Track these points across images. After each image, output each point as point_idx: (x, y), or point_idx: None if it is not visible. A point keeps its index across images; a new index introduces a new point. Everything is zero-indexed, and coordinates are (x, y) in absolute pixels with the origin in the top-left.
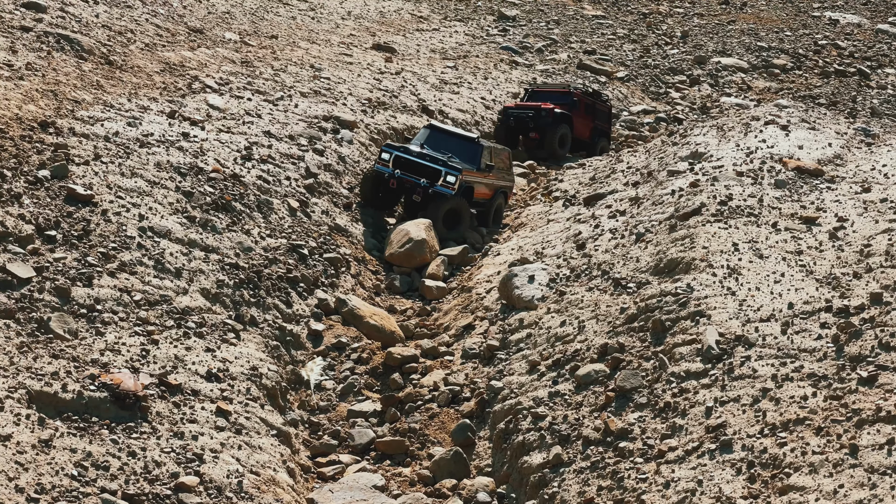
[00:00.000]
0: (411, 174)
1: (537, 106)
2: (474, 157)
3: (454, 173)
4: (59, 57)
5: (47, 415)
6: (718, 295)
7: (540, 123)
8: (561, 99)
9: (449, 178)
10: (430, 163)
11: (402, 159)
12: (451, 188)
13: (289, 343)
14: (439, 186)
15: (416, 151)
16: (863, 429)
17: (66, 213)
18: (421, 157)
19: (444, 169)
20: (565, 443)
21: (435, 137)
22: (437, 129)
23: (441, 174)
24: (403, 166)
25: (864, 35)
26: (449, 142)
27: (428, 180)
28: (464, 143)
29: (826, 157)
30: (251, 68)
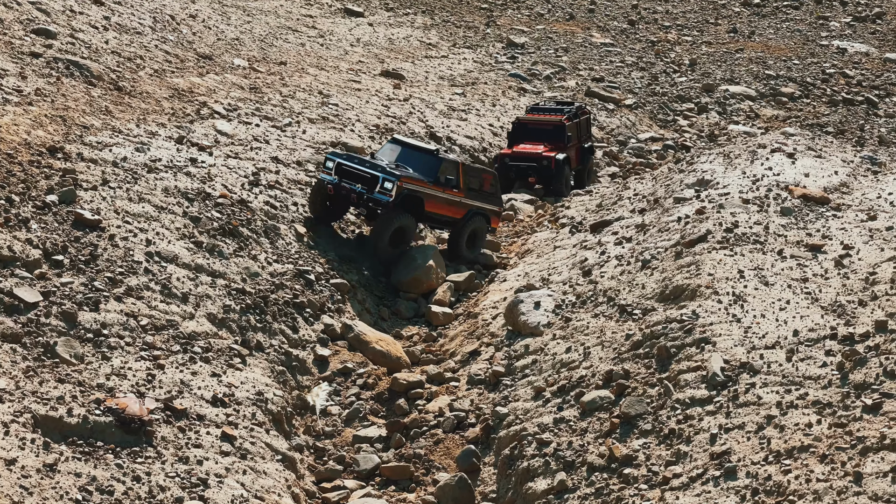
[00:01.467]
0: (351, 181)
1: (537, 155)
2: (431, 169)
3: (391, 179)
4: (68, 83)
5: (52, 439)
6: (724, 322)
7: (543, 175)
8: (554, 136)
9: (386, 185)
10: (369, 169)
11: (344, 167)
12: (388, 195)
13: (295, 368)
14: (376, 193)
15: (358, 158)
16: (867, 456)
17: (73, 238)
18: (361, 164)
19: (381, 175)
20: (570, 469)
21: (396, 151)
22: (399, 142)
23: (378, 181)
24: (345, 174)
25: (872, 64)
26: (410, 155)
27: (365, 187)
28: (422, 156)
29: (832, 184)
30: (259, 94)
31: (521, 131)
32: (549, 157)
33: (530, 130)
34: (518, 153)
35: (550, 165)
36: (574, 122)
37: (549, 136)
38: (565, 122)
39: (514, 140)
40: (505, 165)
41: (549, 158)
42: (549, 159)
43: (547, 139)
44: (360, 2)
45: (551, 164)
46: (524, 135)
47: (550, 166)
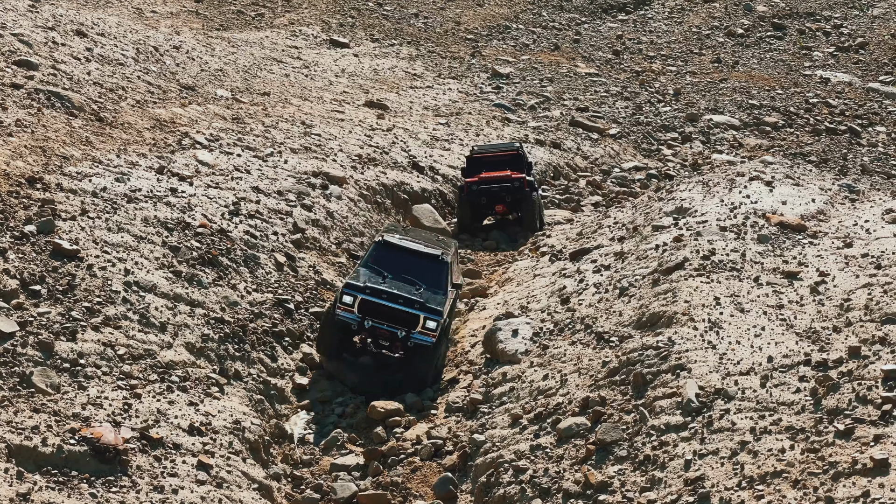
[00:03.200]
0: (384, 321)
1: (507, 176)
2: (440, 279)
3: (435, 318)
4: (49, 113)
5: (26, 469)
6: (699, 349)
7: (516, 197)
8: (513, 164)
9: (429, 325)
10: (404, 306)
11: (371, 304)
12: (432, 335)
13: (273, 397)
14: (417, 335)
15: (387, 292)
16: (839, 482)
17: (51, 268)
18: (393, 300)
19: (422, 313)
20: (546, 496)
21: (389, 257)
22: (392, 246)
23: (419, 320)
24: (371, 311)
25: (854, 94)
26: (407, 261)
27: (401, 327)
28: (426, 263)
29: (809, 212)
30: (242, 125)
31: (476, 165)
32: (519, 178)
33: (487, 162)
34: (487, 178)
35: (523, 185)
36: (524, 154)
37: (508, 164)
38: (521, 151)
39: (470, 174)
40: (474, 192)
41: (520, 179)
42: (521, 179)
43: (507, 167)
44: (345, 33)
45: (523, 184)
46: (481, 167)
47: (523, 186)
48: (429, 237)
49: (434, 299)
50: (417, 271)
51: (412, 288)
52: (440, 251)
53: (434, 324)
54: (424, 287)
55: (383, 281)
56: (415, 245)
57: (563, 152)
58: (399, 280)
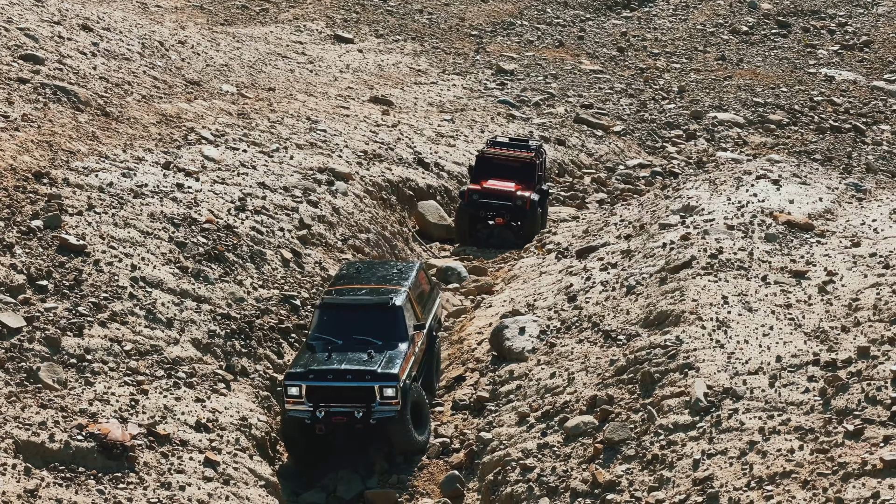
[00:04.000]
0: (336, 404)
1: (512, 193)
2: (396, 329)
3: (391, 383)
4: (55, 108)
5: (34, 465)
6: (707, 347)
7: (516, 215)
8: (524, 173)
9: (387, 393)
10: (354, 381)
11: (319, 388)
12: (394, 403)
13: (279, 393)
14: (377, 409)
15: (332, 368)
16: (848, 482)
17: (58, 263)
18: (337, 376)
19: (375, 383)
20: (553, 495)
21: (334, 320)
22: (334, 306)
23: (374, 391)
24: (320, 396)
25: (859, 92)
26: (354, 319)
27: (357, 405)
28: (375, 315)
29: (816, 211)
30: (247, 120)
31: (485, 166)
32: (523, 197)
33: (497, 166)
34: (490, 190)
35: (525, 206)
36: (539, 162)
37: (519, 173)
38: (535, 161)
39: (478, 175)
40: (474, 203)
41: (524, 198)
42: (524, 199)
43: (515, 176)
44: (350, 28)
45: (526, 205)
46: (489, 170)
47: (525, 206)
48: (385, 271)
49: (392, 358)
50: (368, 327)
51: (362, 355)
52: (388, 296)
53: (392, 391)
54: (381, 343)
55: (328, 356)
56: (359, 298)
57: (568, 149)
58: (350, 345)
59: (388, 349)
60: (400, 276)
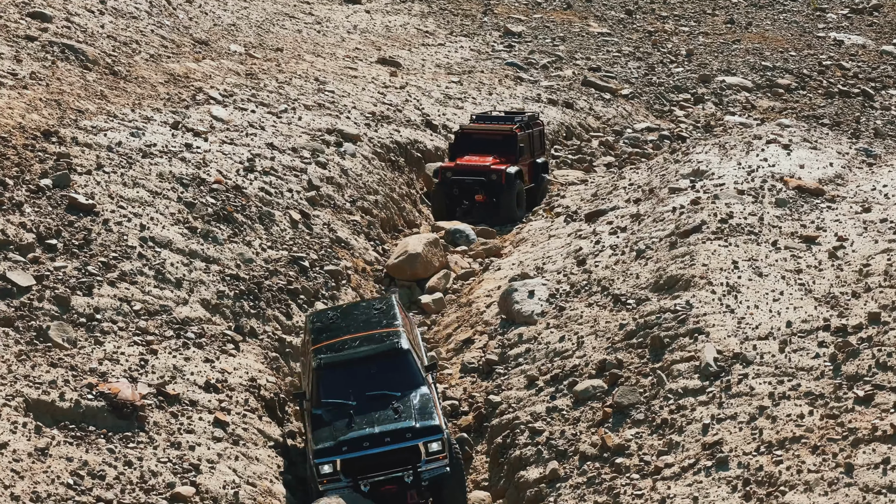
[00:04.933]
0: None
1: (485, 168)
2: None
3: (436, 436)
4: (63, 67)
5: (44, 423)
6: (717, 312)
7: (493, 191)
8: (504, 147)
9: (433, 448)
10: (395, 443)
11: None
12: (442, 458)
13: (288, 355)
14: (426, 466)
15: (366, 435)
16: (858, 448)
17: (67, 222)
18: (379, 441)
19: (419, 440)
20: (562, 458)
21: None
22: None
23: (419, 449)
24: (362, 467)
25: (868, 56)
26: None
27: (404, 470)
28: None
29: (827, 176)
30: (255, 80)
31: (465, 142)
32: (498, 171)
33: (476, 141)
34: (462, 166)
35: (500, 180)
36: (527, 133)
37: (499, 147)
38: (517, 133)
39: (456, 152)
40: (447, 181)
41: (499, 172)
42: (499, 173)
43: (496, 151)
44: None
45: (501, 179)
46: (469, 146)
47: (500, 181)
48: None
49: (422, 408)
50: (380, 379)
51: (387, 412)
52: (392, 340)
53: (437, 444)
54: (399, 395)
55: (350, 422)
56: (360, 350)
57: (576, 112)
58: (367, 405)
59: (410, 399)
60: (384, 315)
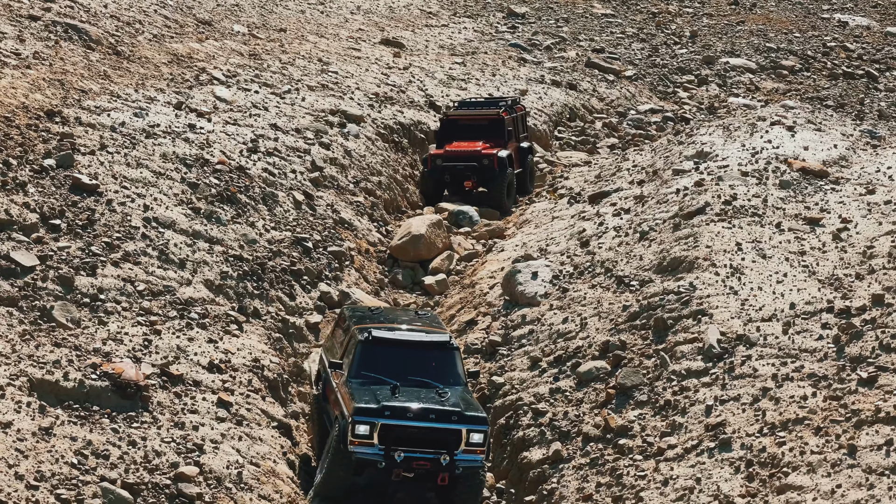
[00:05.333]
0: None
1: (476, 153)
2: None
3: (480, 427)
4: (66, 46)
5: (48, 403)
6: (721, 294)
7: (485, 176)
8: (492, 132)
9: (475, 438)
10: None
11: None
12: (480, 452)
13: (291, 336)
14: (463, 456)
15: (412, 407)
16: (861, 429)
17: (70, 203)
18: (423, 416)
19: (464, 426)
20: (565, 439)
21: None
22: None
23: (461, 435)
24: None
25: (872, 38)
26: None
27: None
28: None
29: (831, 158)
30: (259, 61)
31: (451, 129)
32: (489, 156)
33: (462, 127)
34: (452, 152)
35: (493, 164)
36: (511, 118)
37: (486, 132)
38: (504, 116)
39: (443, 139)
40: (437, 168)
41: (491, 157)
42: (491, 157)
43: (484, 136)
44: None
45: (493, 163)
46: (455, 132)
47: (492, 165)
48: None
49: (466, 400)
50: (425, 367)
51: (432, 393)
52: (445, 335)
53: (480, 436)
54: (442, 387)
55: (395, 393)
56: (415, 335)
57: (580, 93)
58: (410, 386)
59: (453, 392)
60: (432, 321)
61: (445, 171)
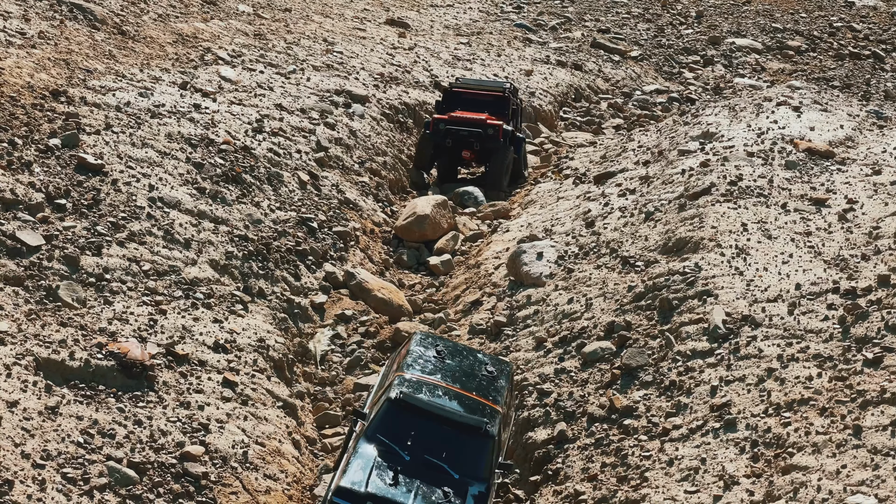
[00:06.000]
0: None
1: (482, 121)
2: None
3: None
4: (71, 26)
5: (54, 382)
6: (726, 275)
7: (487, 146)
8: (496, 107)
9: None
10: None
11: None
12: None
13: (296, 316)
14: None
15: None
16: (867, 410)
17: (76, 182)
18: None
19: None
20: (570, 419)
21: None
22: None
23: None
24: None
25: (879, 18)
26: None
27: None
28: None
29: (837, 138)
30: (264, 41)
31: (454, 100)
32: (495, 126)
33: (466, 100)
34: (458, 118)
35: (497, 135)
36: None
37: (491, 107)
38: (509, 95)
39: (446, 109)
40: (439, 132)
41: (496, 127)
42: (496, 128)
43: (487, 111)
44: None
45: (498, 134)
46: (459, 104)
47: (497, 136)
48: (473, 367)
49: None
50: (448, 450)
51: (436, 490)
52: (483, 418)
53: None
54: (457, 478)
55: (394, 477)
56: (446, 406)
57: (585, 74)
58: (419, 468)
59: (466, 491)
60: (491, 381)
61: (448, 136)
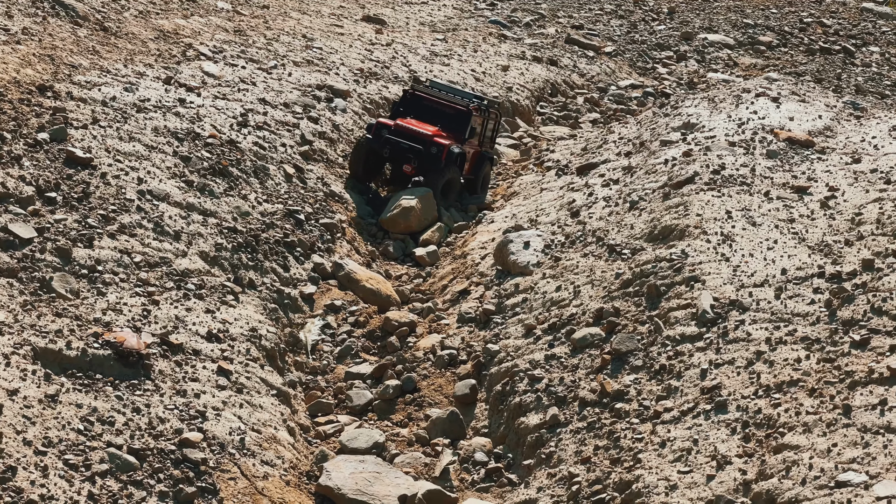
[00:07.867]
0: None
1: (428, 138)
2: None
3: None
4: (54, 22)
5: (52, 371)
6: (713, 261)
7: (426, 163)
8: (455, 123)
9: None
10: None
11: None
12: None
13: (287, 306)
14: None
15: None
16: (855, 390)
17: (65, 176)
18: None
19: None
20: (562, 404)
21: None
22: None
23: None
24: None
25: (848, 13)
26: None
27: None
28: None
29: (816, 128)
30: (244, 37)
31: (412, 105)
32: (440, 145)
33: (425, 108)
34: (402, 127)
35: (440, 156)
36: (481, 118)
37: (449, 121)
38: (472, 111)
39: (399, 114)
40: (380, 139)
41: (441, 146)
42: (441, 147)
43: (444, 124)
44: None
45: (441, 154)
46: (415, 110)
47: (439, 156)
48: None
49: None
50: None
51: None
52: None
53: None
54: None
55: None
56: None
57: (560, 69)
58: None
59: None
60: None
61: (387, 146)
